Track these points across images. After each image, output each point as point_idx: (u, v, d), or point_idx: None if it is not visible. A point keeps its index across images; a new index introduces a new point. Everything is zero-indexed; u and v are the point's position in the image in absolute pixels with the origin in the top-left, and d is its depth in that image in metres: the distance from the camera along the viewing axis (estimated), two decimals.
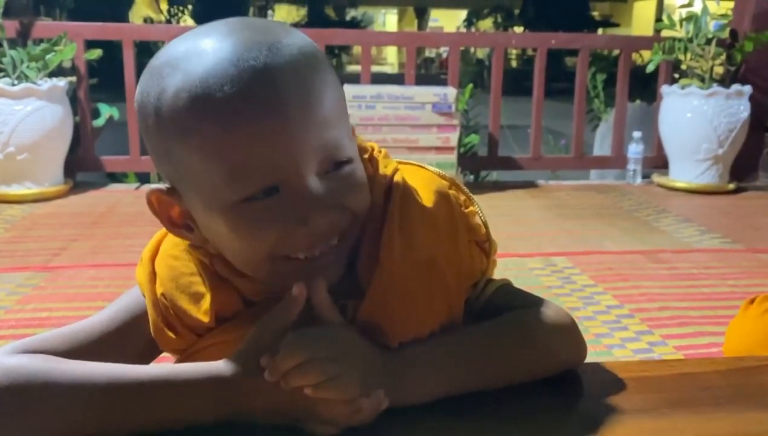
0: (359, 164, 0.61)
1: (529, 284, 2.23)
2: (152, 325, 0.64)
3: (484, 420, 0.60)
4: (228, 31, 0.55)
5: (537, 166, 4.06)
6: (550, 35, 4.13)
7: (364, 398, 0.55)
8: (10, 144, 3.19)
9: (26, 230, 2.86)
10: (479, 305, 0.68)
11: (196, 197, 0.57)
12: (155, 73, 0.56)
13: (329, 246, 0.59)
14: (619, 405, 0.62)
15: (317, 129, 0.55)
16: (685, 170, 3.74)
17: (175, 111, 0.54)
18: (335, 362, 0.55)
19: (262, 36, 0.55)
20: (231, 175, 0.54)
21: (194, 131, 0.53)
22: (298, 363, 0.54)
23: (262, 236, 0.56)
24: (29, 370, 0.55)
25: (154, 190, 0.61)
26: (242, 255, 0.59)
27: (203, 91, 0.53)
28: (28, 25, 3.53)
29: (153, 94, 0.55)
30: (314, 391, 0.54)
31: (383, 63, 23.99)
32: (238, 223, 0.56)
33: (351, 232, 0.60)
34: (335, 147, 0.57)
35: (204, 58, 0.54)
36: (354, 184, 0.59)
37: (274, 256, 0.58)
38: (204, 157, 0.54)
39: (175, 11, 16.88)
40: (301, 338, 0.56)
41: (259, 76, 0.53)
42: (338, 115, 0.58)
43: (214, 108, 0.52)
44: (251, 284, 0.62)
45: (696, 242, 2.84)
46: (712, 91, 3.59)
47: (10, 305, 2.05)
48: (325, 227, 0.57)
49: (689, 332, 1.94)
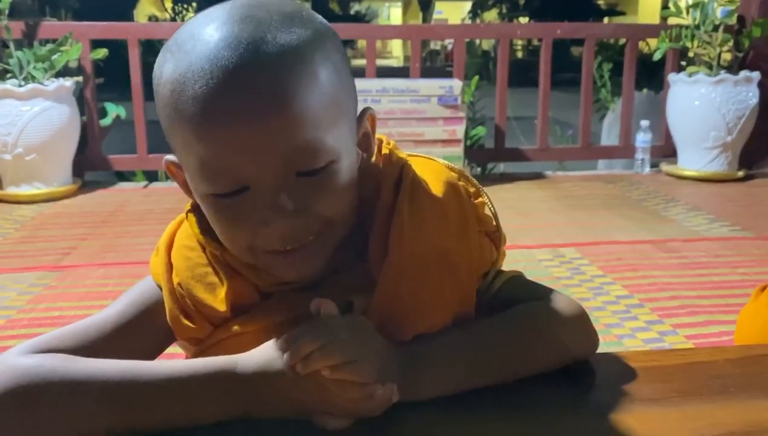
0: (346, 165, 0.59)
1: (538, 275, 2.23)
2: (169, 314, 0.64)
3: (496, 410, 0.60)
4: (223, 21, 0.55)
5: (544, 157, 4.04)
6: (555, 25, 4.11)
7: (379, 384, 0.56)
8: (19, 145, 3.20)
9: (36, 230, 2.87)
10: (489, 297, 0.68)
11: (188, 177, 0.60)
12: (162, 53, 0.58)
13: (301, 244, 0.59)
14: (629, 395, 0.62)
15: (287, 132, 0.54)
16: (693, 159, 3.72)
17: (163, 98, 0.56)
18: (354, 345, 0.56)
19: (251, 30, 0.54)
20: (202, 170, 0.56)
21: (175, 121, 0.56)
22: (318, 346, 0.54)
23: (235, 229, 0.58)
24: (45, 369, 0.56)
25: (167, 160, 0.63)
26: (228, 243, 0.61)
27: (181, 87, 0.54)
28: (33, 26, 3.54)
29: (156, 74, 0.58)
30: (332, 372, 0.54)
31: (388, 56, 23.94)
32: (213, 214, 0.59)
33: (330, 232, 0.60)
34: (309, 151, 0.55)
35: (192, 50, 0.54)
36: (328, 190, 0.57)
37: (254, 248, 0.59)
38: (182, 147, 0.57)
39: (180, 8, 16.88)
40: (322, 323, 0.57)
41: (229, 77, 0.52)
42: (321, 117, 0.55)
43: (185, 105, 0.54)
44: (262, 275, 0.63)
45: (705, 230, 2.83)
46: (720, 78, 3.57)
47: (22, 305, 2.07)
48: (286, 231, 0.57)
49: (700, 321, 1.94)
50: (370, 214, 0.64)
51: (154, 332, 0.65)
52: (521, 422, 0.59)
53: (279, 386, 0.56)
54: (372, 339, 0.59)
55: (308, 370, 0.54)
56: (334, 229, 0.60)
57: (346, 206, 0.60)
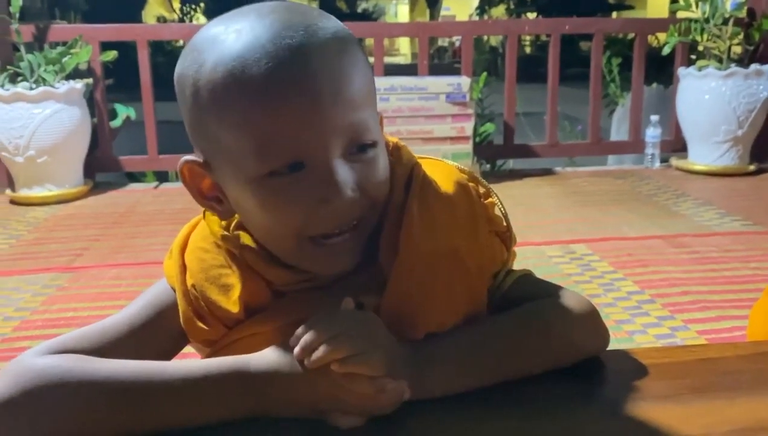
0: (383, 151, 0.62)
1: (548, 272, 2.23)
2: (182, 316, 0.65)
3: (507, 408, 0.60)
4: (267, 11, 0.58)
5: (554, 154, 4.03)
6: (563, 20, 4.09)
7: (389, 378, 0.56)
8: (31, 147, 3.23)
9: (49, 232, 2.90)
10: (499, 296, 0.69)
11: (227, 169, 0.59)
12: (195, 49, 0.59)
13: (348, 228, 0.60)
14: (640, 391, 0.62)
15: (345, 109, 0.57)
16: (704, 153, 3.69)
17: (212, 82, 0.56)
18: (362, 338, 0.56)
19: (300, 18, 0.58)
20: (259, 147, 0.56)
21: (228, 102, 0.56)
22: (327, 338, 0.55)
23: (287, 212, 0.58)
24: (61, 370, 0.56)
25: (188, 160, 0.63)
26: (271, 232, 0.60)
27: (240, 64, 0.55)
28: (44, 29, 3.56)
29: (192, 67, 0.58)
30: (341, 365, 0.55)
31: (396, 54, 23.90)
32: (264, 197, 0.58)
33: (369, 218, 0.62)
34: (362, 129, 0.59)
35: (243, 35, 0.56)
36: (376, 170, 0.60)
37: (300, 236, 0.59)
38: (235, 129, 0.57)
39: (188, 9, 16.93)
40: (331, 316, 0.58)
41: (294, 54, 0.55)
42: (366, 99, 0.60)
43: (248, 81, 0.55)
44: (280, 274, 0.63)
45: (716, 225, 2.81)
46: (731, 71, 3.54)
47: (36, 306, 2.09)
48: (344, 208, 0.58)
49: (711, 317, 1.93)
50: (382, 215, 0.64)
51: (168, 335, 0.66)
52: (532, 419, 0.59)
53: (291, 385, 0.57)
54: (380, 334, 0.59)
55: (316, 364, 0.55)
56: (372, 215, 0.62)
57: (386, 191, 0.62)
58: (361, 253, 0.62)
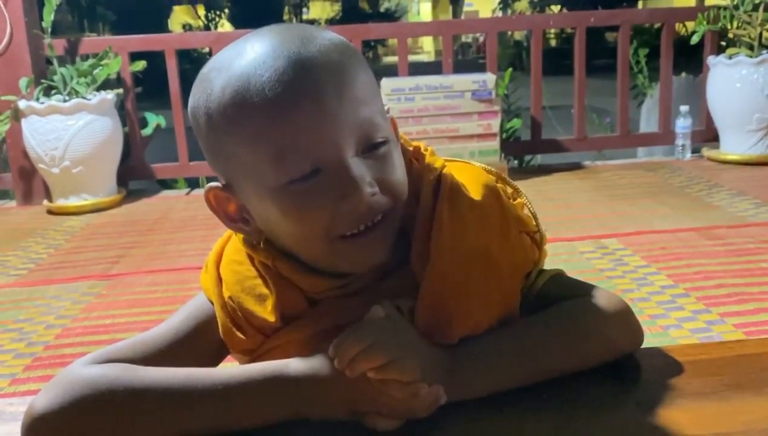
0: (397, 149, 0.64)
1: (580, 268, 2.21)
2: (221, 327, 0.67)
3: (543, 407, 0.61)
4: (266, 33, 0.61)
5: (582, 147, 3.99)
6: (588, 13, 4.04)
7: (424, 383, 0.57)
8: (66, 158, 3.30)
9: (85, 240, 2.96)
10: (532, 296, 0.69)
11: (248, 186, 0.61)
12: (204, 79, 0.62)
13: (374, 223, 0.61)
14: (678, 389, 0.62)
15: (351, 107, 0.59)
16: (736, 142, 3.63)
17: (222, 105, 0.59)
18: (396, 345, 0.58)
19: (297, 31, 0.61)
20: (275, 155, 0.58)
21: (239, 118, 0.58)
22: (363, 348, 0.56)
23: (311, 216, 0.60)
24: (111, 378, 0.58)
25: (212, 187, 0.65)
26: (301, 239, 0.62)
27: (244, 82, 0.58)
28: (75, 43, 3.64)
29: (202, 97, 0.61)
30: (377, 373, 0.56)
31: (419, 52, 23.86)
32: (287, 204, 0.60)
33: (393, 212, 0.63)
34: (370, 126, 0.60)
35: (244, 57, 0.59)
36: (390, 166, 0.62)
37: (330, 236, 0.60)
38: (249, 141, 0.59)
39: (213, 16, 17.12)
40: (366, 325, 0.59)
41: (293, 63, 0.58)
42: (371, 96, 0.62)
43: (254, 95, 0.57)
44: (314, 281, 0.65)
45: (751, 215, 2.76)
46: (762, 58, 3.47)
47: (76, 314, 2.14)
48: (365, 203, 0.59)
49: (749, 309, 1.90)
50: (411, 220, 0.65)
51: (209, 345, 0.68)
52: (567, 420, 0.60)
53: (330, 388, 0.58)
54: (413, 340, 0.60)
55: (354, 374, 0.56)
56: (396, 210, 0.63)
57: (404, 187, 0.64)
58: (393, 246, 0.63)
